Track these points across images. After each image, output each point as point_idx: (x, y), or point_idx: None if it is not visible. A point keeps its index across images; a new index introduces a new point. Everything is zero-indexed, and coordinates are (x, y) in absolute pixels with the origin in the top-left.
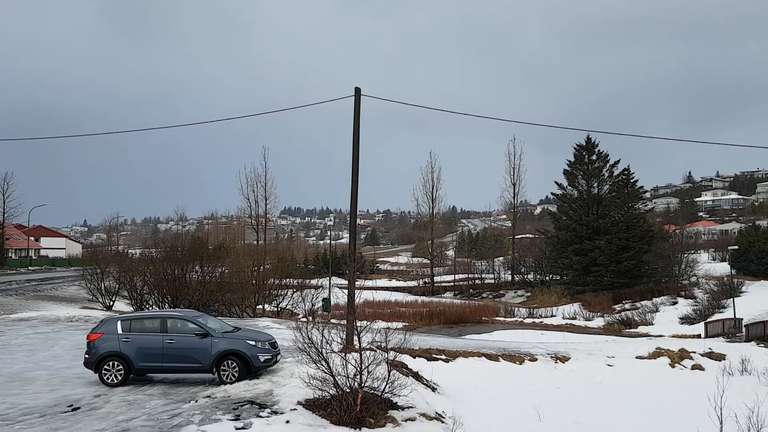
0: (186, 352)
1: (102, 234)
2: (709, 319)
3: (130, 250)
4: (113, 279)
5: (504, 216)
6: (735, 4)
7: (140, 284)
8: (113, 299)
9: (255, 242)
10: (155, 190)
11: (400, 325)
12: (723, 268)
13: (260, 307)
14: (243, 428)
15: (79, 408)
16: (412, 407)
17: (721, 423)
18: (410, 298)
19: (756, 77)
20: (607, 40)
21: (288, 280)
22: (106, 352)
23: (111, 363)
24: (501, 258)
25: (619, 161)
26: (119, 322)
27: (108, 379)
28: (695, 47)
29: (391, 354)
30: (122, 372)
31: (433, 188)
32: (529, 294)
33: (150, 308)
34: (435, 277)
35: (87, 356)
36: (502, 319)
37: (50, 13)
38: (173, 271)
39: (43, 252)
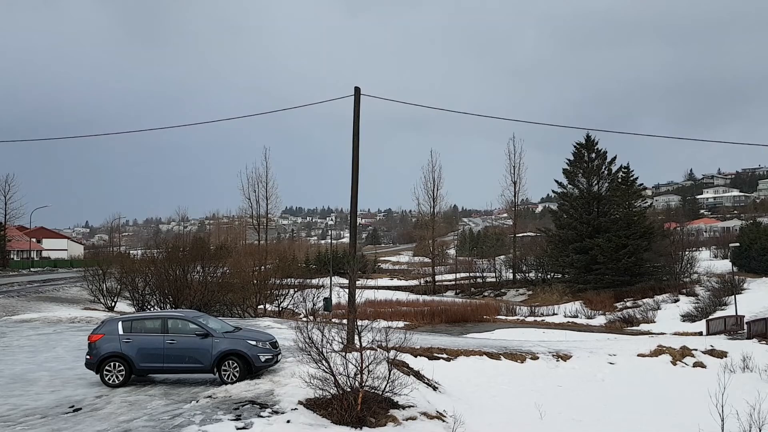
0: (187, 352)
1: (104, 235)
2: (710, 317)
3: (131, 251)
4: (115, 280)
5: (505, 214)
6: (725, 7)
7: (142, 285)
8: (115, 300)
9: (256, 242)
10: (157, 191)
11: (401, 324)
12: (724, 266)
13: (261, 307)
14: (244, 428)
15: (80, 409)
16: (413, 406)
17: (723, 420)
18: (412, 297)
19: (747, 77)
20: (601, 43)
21: (289, 279)
22: (107, 352)
23: (112, 364)
24: (502, 256)
25: (615, 157)
26: (120, 323)
27: (109, 379)
28: (687, 48)
29: (392, 353)
30: (123, 373)
31: (434, 187)
32: (530, 292)
33: (152, 309)
34: (436, 276)
35: (88, 357)
36: (503, 317)
37: (64, 19)
38: (175, 272)
39: (44, 253)
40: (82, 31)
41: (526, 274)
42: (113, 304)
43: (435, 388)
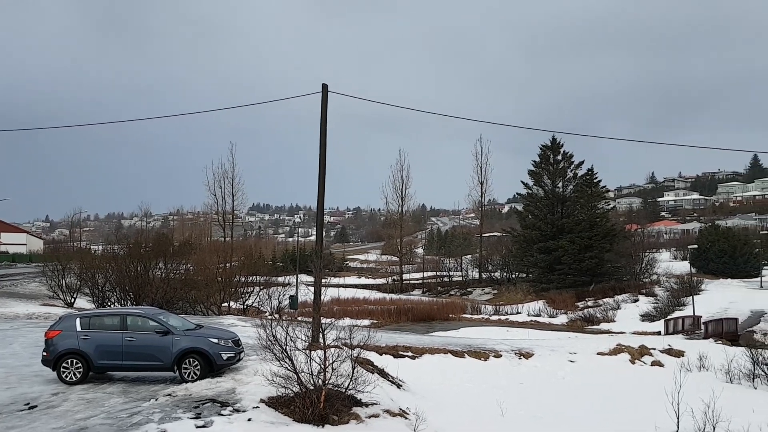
0: (146, 349)
1: (64, 230)
2: (669, 317)
3: (92, 247)
4: (75, 276)
5: (473, 214)
6: (686, 20)
7: (102, 281)
8: (74, 296)
9: (222, 239)
10: (120, 186)
11: (367, 322)
12: (683, 267)
13: (226, 304)
14: (204, 426)
15: (36, 406)
16: (376, 404)
17: (678, 418)
18: (379, 295)
19: (708, 86)
20: (568, 52)
21: (255, 277)
22: (64, 349)
23: (69, 361)
24: (469, 256)
25: (583, 162)
26: (78, 319)
27: (66, 377)
28: (650, 57)
29: (357, 351)
30: (81, 370)
31: (402, 186)
32: (495, 291)
33: (112, 305)
34: (404, 275)
35: (45, 354)
36: (469, 316)
37: (29, 10)
38: (136, 268)
39: (2, 248)
40: (54, 26)
41: (492, 274)
42: (72, 300)
43: (399, 386)
